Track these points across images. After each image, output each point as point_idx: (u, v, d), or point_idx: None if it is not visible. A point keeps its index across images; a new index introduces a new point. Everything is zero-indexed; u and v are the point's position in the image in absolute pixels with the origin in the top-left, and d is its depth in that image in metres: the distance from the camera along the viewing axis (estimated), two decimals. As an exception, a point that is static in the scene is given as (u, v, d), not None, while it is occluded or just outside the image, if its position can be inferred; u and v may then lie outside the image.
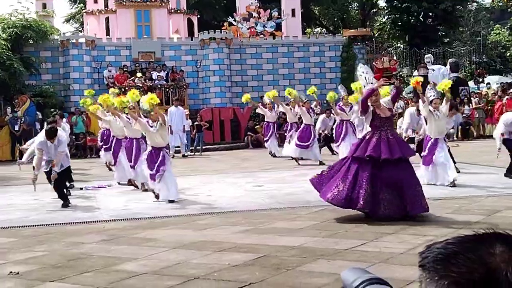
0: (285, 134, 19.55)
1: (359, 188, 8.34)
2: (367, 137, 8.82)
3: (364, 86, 9.41)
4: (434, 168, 11.83)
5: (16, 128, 24.34)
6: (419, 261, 1.21)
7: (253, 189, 12.56)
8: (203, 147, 24.55)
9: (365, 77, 9.36)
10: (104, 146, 16.26)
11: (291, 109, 18.88)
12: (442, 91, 12.67)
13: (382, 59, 9.48)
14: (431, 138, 11.95)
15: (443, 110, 12.00)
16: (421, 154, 12.19)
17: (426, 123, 12.25)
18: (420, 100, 12.13)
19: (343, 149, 15.86)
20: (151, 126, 11.38)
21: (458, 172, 12.27)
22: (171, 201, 10.95)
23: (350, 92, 16.94)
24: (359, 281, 1.27)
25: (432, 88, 13.76)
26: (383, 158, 8.43)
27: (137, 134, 12.83)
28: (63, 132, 12.32)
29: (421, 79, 12.49)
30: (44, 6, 32.60)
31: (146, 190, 12.31)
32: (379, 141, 8.58)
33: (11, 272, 6.29)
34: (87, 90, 18.07)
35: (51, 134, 11.13)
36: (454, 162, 12.21)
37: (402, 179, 8.41)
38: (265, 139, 21.46)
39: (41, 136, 11.43)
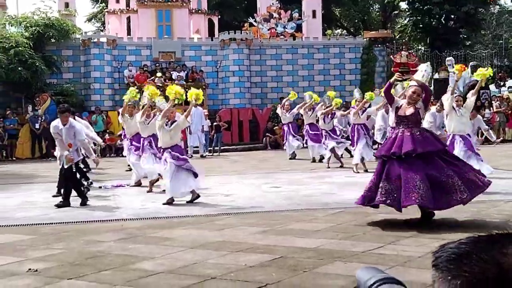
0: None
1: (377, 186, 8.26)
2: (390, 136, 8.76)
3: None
4: None
5: (37, 126, 24.57)
6: (432, 260, 1.21)
7: (271, 190, 12.56)
8: (222, 147, 24.61)
9: (423, 75, 8.87)
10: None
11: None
12: (477, 80, 12.22)
13: (400, 53, 9.44)
14: (450, 135, 11.84)
15: (469, 104, 11.79)
16: None
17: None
18: (447, 93, 11.88)
19: (357, 153, 15.78)
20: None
21: None
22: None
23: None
24: (373, 280, 1.27)
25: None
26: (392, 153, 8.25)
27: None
28: (77, 122, 12.32)
29: (465, 66, 12.14)
30: (67, 5, 32.86)
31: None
32: (395, 138, 8.48)
33: (29, 269, 6.34)
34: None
35: (62, 111, 11.28)
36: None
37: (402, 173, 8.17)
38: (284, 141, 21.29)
39: (55, 121, 11.46)
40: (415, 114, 8.43)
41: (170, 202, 10.92)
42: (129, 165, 15.35)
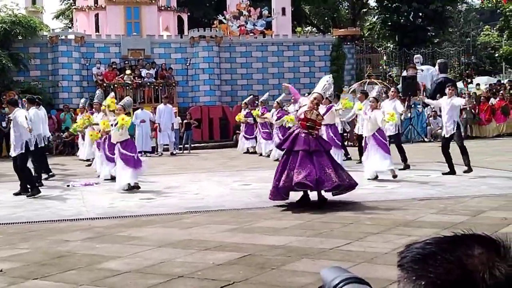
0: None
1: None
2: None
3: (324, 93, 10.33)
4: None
5: (4, 124, 24.19)
6: (398, 260, 1.22)
7: (240, 188, 12.56)
8: (192, 145, 24.52)
9: (324, 85, 10.22)
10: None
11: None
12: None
13: (312, 111, 10.04)
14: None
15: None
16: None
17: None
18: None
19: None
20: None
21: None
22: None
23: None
24: (338, 280, 1.27)
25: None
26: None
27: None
28: (24, 113, 12.35)
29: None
30: (34, 1, 32.55)
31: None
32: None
33: (-6, 269, 6.26)
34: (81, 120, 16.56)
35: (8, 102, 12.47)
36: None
37: None
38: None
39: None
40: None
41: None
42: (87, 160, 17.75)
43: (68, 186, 13.70)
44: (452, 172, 13.18)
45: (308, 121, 9.79)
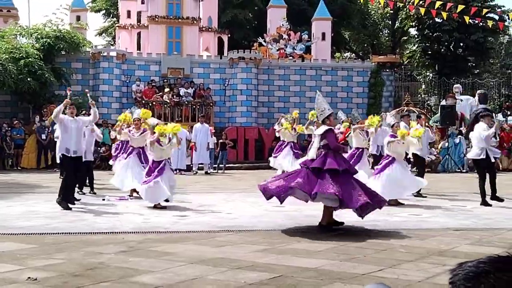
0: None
1: None
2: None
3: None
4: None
5: (44, 137, 24.67)
6: (449, 278, 1.21)
7: (274, 209, 12.52)
8: (226, 165, 24.61)
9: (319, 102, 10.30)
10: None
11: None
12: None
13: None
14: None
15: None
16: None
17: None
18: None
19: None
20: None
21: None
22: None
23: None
24: None
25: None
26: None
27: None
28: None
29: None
30: (78, 18, 33.13)
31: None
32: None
33: (29, 277, 6.34)
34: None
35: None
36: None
37: None
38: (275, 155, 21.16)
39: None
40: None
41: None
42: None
43: (103, 200, 13.86)
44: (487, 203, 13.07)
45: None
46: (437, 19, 33.65)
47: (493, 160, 13.62)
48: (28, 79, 25.08)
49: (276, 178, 10.28)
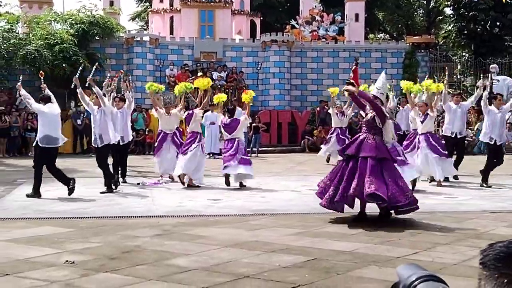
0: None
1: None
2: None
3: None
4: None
5: (79, 122, 24.96)
6: (480, 258, 1.20)
7: (308, 192, 12.51)
8: (260, 148, 24.63)
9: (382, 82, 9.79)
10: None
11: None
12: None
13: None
14: None
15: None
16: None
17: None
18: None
19: None
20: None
21: None
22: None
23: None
24: (414, 277, 1.27)
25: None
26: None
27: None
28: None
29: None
30: (111, 3, 33.31)
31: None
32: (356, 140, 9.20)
33: (67, 261, 6.45)
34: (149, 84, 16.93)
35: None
36: None
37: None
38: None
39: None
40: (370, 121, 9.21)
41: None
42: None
43: (138, 184, 14.00)
44: None
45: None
46: (473, -2, 33.06)
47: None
48: (63, 64, 25.35)
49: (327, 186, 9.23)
